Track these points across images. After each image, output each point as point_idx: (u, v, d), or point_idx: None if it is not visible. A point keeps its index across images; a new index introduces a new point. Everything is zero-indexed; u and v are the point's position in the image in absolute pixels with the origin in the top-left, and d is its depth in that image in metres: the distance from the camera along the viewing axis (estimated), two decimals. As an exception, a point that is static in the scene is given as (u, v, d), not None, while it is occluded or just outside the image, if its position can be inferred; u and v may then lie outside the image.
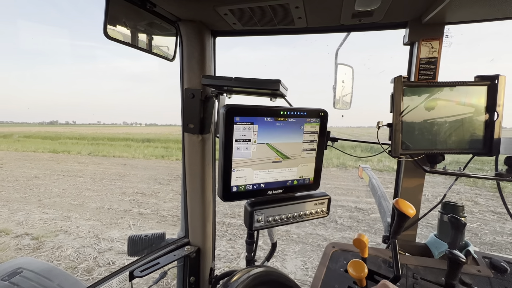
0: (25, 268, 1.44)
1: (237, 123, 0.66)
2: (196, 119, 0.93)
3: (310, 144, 0.78)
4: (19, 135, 26.62)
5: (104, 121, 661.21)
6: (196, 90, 0.92)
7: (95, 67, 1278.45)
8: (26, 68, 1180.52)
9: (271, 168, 0.74)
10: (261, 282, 0.43)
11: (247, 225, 0.72)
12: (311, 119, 0.76)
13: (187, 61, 0.94)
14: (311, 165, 0.80)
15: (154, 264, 0.86)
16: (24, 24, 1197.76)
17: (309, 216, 0.79)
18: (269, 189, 0.75)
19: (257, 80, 0.76)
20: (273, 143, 0.72)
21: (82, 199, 5.80)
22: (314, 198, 0.79)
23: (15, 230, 4.22)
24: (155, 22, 0.86)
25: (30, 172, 8.64)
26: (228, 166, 0.68)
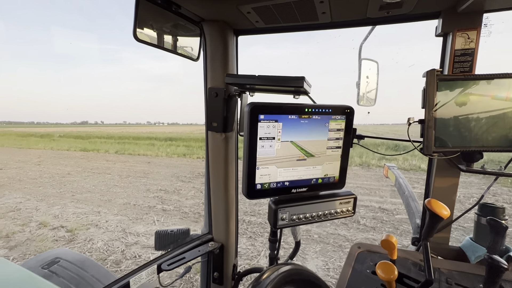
0: (62, 258, 1.55)
1: (261, 121, 0.66)
2: (219, 118, 0.94)
3: (335, 141, 0.76)
4: (54, 134, 28.60)
5: (129, 121, 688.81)
6: (219, 89, 0.93)
7: (121, 69, 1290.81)
8: (59, 71, 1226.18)
9: (295, 166, 0.73)
10: (291, 280, 0.43)
11: (271, 223, 0.72)
12: (336, 116, 0.74)
13: (211, 60, 0.95)
14: (336, 163, 0.78)
15: (180, 258, 0.89)
16: (57, 30, 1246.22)
17: (334, 216, 0.77)
18: (293, 187, 0.74)
19: (280, 77, 0.75)
20: (297, 140, 0.71)
21: (110, 195, 6.12)
22: (339, 197, 0.77)
23: (51, 222, 4.54)
24: (180, 23, 0.88)
25: (64, 169, 9.26)
26: (253, 163, 0.68)
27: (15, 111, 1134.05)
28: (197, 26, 0.91)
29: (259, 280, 0.38)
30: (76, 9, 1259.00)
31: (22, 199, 5.82)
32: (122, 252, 3.59)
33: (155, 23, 0.80)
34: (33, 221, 4.61)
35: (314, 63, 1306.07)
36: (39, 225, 4.44)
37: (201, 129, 52.59)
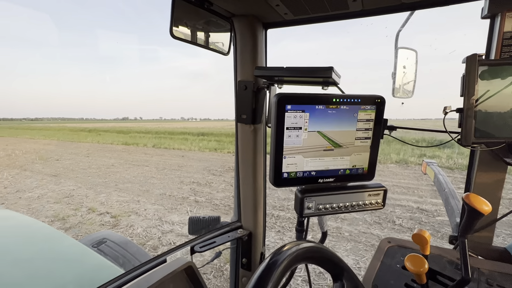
0: (108, 239, 1.72)
1: (288, 111, 0.68)
2: (248, 110, 0.97)
3: (365, 132, 0.75)
4: (99, 129, 31.32)
5: (165, 116, 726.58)
6: (248, 82, 0.96)
7: (158, 68, 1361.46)
8: (105, 72, 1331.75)
9: (322, 156, 0.73)
10: (311, 256, 0.44)
11: (298, 211, 0.74)
12: (366, 106, 0.73)
13: (240, 54, 0.98)
14: (365, 154, 0.77)
15: (211, 242, 0.95)
16: (102, 33, 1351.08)
17: (362, 207, 0.76)
18: (320, 177, 0.75)
19: (308, 68, 0.76)
20: (325, 131, 0.72)
21: (148, 186, 6.57)
22: (368, 189, 0.76)
23: (98, 208, 5.03)
24: (211, 19, 0.92)
25: (108, 161, 10.14)
26: (279, 153, 0.70)
27: (67, 109, 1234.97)
28: (227, 21, 0.95)
29: (279, 251, 0.40)
30: (118, 14, 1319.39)
31: (74, 186, 6.52)
32: (158, 239, 3.86)
33: (189, 20, 0.86)
34: (83, 206, 5.15)
35: (344, 55, 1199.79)
36: (89, 210, 4.95)
37: (232, 124, 53.64)
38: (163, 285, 0.55)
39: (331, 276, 0.50)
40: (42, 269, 0.83)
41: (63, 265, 0.88)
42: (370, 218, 4.36)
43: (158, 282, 0.53)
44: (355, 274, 0.51)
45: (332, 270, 0.48)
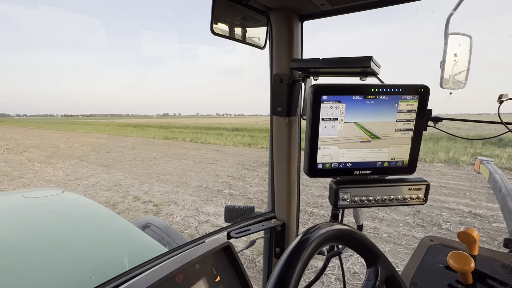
0: (152, 224, 1.89)
1: (324, 102, 0.68)
2: (283, 103, 0.99)
3: (406, 123, 0.71)
4: (143, 125, 33.78)
5: (201, 112, 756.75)
6: (284, 75, 0.97)
7: (196, 65, 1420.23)
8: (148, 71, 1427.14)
9: (359, 148, 0.72)
10: (344, 239, 0.45)
11: (332, 203, 0.74)
12: (407, 96, 0.69)
13: (276, 47, 1.00)
14: (406, 147, 0.73)
15: (247, 229, 0.99)
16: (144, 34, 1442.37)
17: (401, 201, 0.73)
18: (356, 169, 0.74)
19: (345, 58, 0.74)
20: (362, 122, 0.70)
21: (186, 178, 6.95)
22: (408, 183, 0.73)
23: (143, 197, 5.47)
24: (248, 14, 0.95)
25: (150, 154, 10.93)
26: (314, 143, 0.70)
27: (116, 106, 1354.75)
28: (264, 15, 0.97)
29: (312, 229, 0.41)
30: (159, 16, 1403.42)
31: (122, 176, 7.17)
32: (195, 228, 4.08)
33: (227, 17, 0.89)
34: (130, 195, 5.65)
35: (387, 45, 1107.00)
36: (134, 198, 5.42)
37: (265, 120, 53.74)
38: (203, 260, 0.61)
39: (365, 261, 0.50)
40: (101, 242, 0.96)
41: (118, 240, 1.01)
42: (412, 220, 4.08)
43: (199, 257, 0.59)
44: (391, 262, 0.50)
45: (365, 255, 0.48)
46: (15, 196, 1.42)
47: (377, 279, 0.46)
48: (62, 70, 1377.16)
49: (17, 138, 19.06)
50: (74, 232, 1.00)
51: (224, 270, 0.65)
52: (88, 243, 0.93)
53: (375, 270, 0.47)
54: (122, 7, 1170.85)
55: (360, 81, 0.82)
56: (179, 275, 0.55)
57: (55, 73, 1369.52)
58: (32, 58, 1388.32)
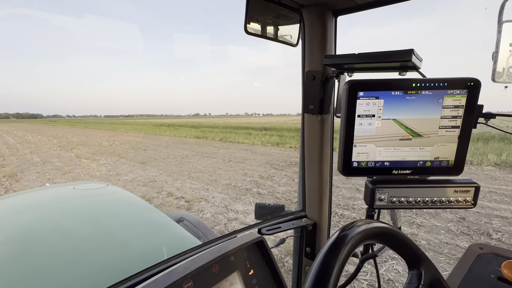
0: (185, 218, 1.97)
1: (361, 98, 0.66)
2: (316, 100, 0.97)
3: (452, 120, 0.66)
4: (175, 124, 35.38)
5: (230, 112, 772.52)
6: (316, 72, 0.95)
7: (226, 66, 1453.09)
8: (180, 73, 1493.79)
9: (398, 146, 0.68)
10: (384, 238, 0.43)
11: (368, 203, 0.71)
12: (454, 91, 0.64)
13: (309, 44, 0.98)
14: (452, 145, 0.68)
15: (277, 227, 0.99)
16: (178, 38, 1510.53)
17: (446, 204, 0.68)
18: (394, 168, 0.70)
19: (384, 53, 0.71)
20: (402, 118, 0.66)
21: (215, 176, 7.15)
22: (454, 184, 0.67)
23: (175, 193, 5.74)
24: (281, 13, 0.95)
25: (183, 152, 11.41)
26: (349, 141, 0.68)
27: (151, 106, 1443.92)
28: (296, 12, 0.96)
29: (351, 225, 0.40)
30: (192, 19, 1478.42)
31: (156, 173, 7.59)
32: (224, 225, 4.18)
33: (261, 16, 0.90)
34: (164, 190, 5.97)
35: (428, 38, 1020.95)
36: (168, 194, 5.71)
37: (294, 119, 53.07)
38: (238, 253, 0.62)
39: (406, 262, 0.47)
40: (142, 232, 1.04)
41: (157, 231, 1.08)
42: (456, 228, 3.75)
43: (234, 250, 0.61)
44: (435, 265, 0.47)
45: (407, 256, 0.46)
46: (68, 188, 1.59)
47: (420, 283, 0.43)
48: (104, 74, 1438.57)
49: (67, 136, 21.17)
50: (118, 221, 1.09)
51: (257, 264, 0.66)
52: (131, 232, 1.01)
53: (418, 273, 0.44)
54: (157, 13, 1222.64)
55: (398, 76, 0.78)
56: (215, 266, 0.57)
57: (98, 77, 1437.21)
58: (79, 63, 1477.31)
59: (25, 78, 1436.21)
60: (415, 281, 0.44)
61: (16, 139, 18.30)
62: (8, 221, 1.11)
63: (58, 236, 0.94)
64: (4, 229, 1.03)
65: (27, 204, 1.32)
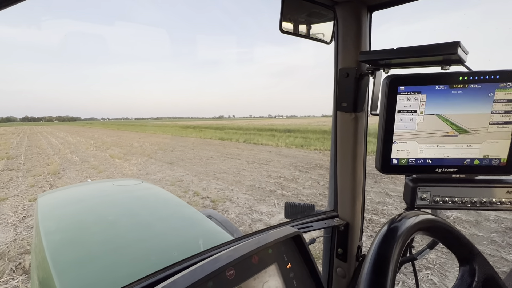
0: (212, 216, 2.03)
1: (401, 93, 0.64)
2: (350, 98, 0.95)
3: (504, 115, 0.62)
4: (201, 126, 36.38)
5: (253, 114, 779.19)
6: (350, 69, 0.94)
7: (249, 69, 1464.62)
8: (205, 76, 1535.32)
9: (442, 143, 0.65)
10: (436, 231, 0.41)
11: (408, 202, 0.68)
12: (507, 84, 0.60)
13: (343, 41, 0.97)
14: (505, 142, 0.63)
15: (309, 226, 0.98)
16: (203, 41, 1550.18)
17: (497, 206, 0.63)
18: (437, 167, 0.67)
19: (426, 46, 0.68)
20: (447, 114, 0.63)
21: (240, 177, 7.23)
22: (507, 184, 0.62)
23: (201, 193, 5.89)
24: (314, 10, 0.95)
25: (208, 153, 11.69)
26: (389, 137, 0.66)
27: (178, 108, 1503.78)
28: (330, 9, 0.95)
29: (398, 218, 0.39)
30: (217, 23, 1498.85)
31: (183, 173, 7.85)
32: (249, 226, 4.20)
33: (295, 14, 0.91)
34: (190, 190, 6.15)
35: (469, 32, 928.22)
36: (194, 193, 5.88)
37: (318, 121, 52.02)
38: (276, 246, 0.63)
39: (458, 258, 0.45)
40: (178, 225, 1.09)
41: (191, 224, 1.12)
42: (501, 239, 3.43)
43: (272, 242, 0.62)
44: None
45: (459, 251, 0.44)
46: (107, 184, 1.71)
47: (474, 279, 0.41)
48: (135, 78, 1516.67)
49: (102, 138, 22.67)
50: (155, 214, 1.16)
51: (294, 258, 0.67)
52: (167, 225, 1.06)
53: (470, 269, 0.42)
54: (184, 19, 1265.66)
55: (441, 70, 0.74)
56: (254, 257, 0.59)
57: (130, 81, 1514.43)
58: (111, 69, 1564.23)
59: (67, 84, 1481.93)
60: (467, 277, 0.41)
61: (59, 140, 19.99)
62: (58, 212, 1.23)
63: (102, 226, 1.02)
64: (54, 219, 1.14)
65: (74, 197, 1.45)
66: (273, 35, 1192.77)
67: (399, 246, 0.35)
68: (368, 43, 1.00)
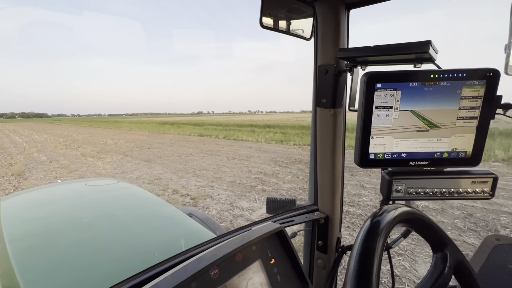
0: (193, 214, 2.00)
1: (378, 90, 0.66)
2: (329, 94, 0.97)
3: (470, 111, 0.66)
4: (179, 123, 35.50)
5: (233, 110, 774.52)
6: (329, 66, 0.96)
7: (228, 64, 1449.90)
8: (183, 71, 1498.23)
9: (415, 138, 0.69)
10: (412, 222, 0.43)
11: (384, 195, 0.71)
12: (473, 82, 0.64)
13: (322, 38, 0.99)
14: (469, 136, 0.68)
15: (290, 220, 1.00)
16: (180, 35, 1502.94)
17: (463, 195, 0.68)
18: (411, 160, 0.70)
19: (401, 44, 0.71)
20: (419, 110, 0.67)
21: (220, 173, 7.17)
22: (472, 175, 0.67)
23: (181, 191, 5.78)
24: (294, 6, 0.96)
25: (187, 150, 11.46)
26: (366, 133, 0.69)
27: (154, 105, 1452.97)
28: (310, 6, 0.96)
29: (380, 212, 0.41)
30: (196, 16, 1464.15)
31: (161, 171, 7.64)
32: (230, 222, 4.20)
33: (275, 10, 0.91)
34: (169, 188, 6.01)
35: (438, 32, 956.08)
36: (173, 191, 5.75)
37: (297, 116, 52.88)
38: (260, 243, 0.64)
39: (431, 245, 0.48)
40: (158, 225, 1.06)
41: (172, 224, 1.09)
42: (463, 224, 3.73)
43: (256, 239, 0.62)
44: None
45: (432, 239, 0.46)
46: (80, 184, 1.61)
47: (446, 265, 0.44)
48: (108, 72, 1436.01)
49: (73, 135, 21.37)
50: (133, 215, 1.11)
51: (278, 253, 0.68)
52: (147, 225, 1.03)
53: (442, 256, 0.45)
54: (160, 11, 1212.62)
55: (413, 68, 0.78)
56: (238, 254, 0.58)
57: (102, 76, 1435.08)
58: (83, 63, 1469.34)
59: (29, 78, 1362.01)
60: (440, 263, 0.44)
61: (23, 138, 18.53)
62: (25, 216, 1.14)
63: (76, 229, 0.96)
64: (21, 224, 1.06)
65: (42, 199, 1.35)
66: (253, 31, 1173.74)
67: (382, 239, 0.37)
68: (346, 40, 1.02)
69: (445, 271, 0.44)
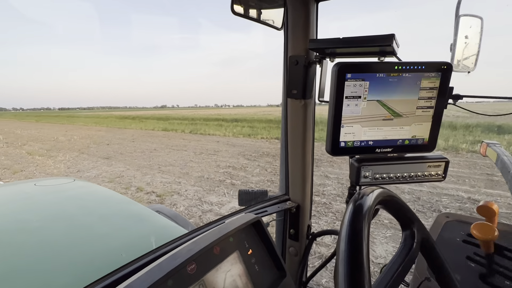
0: (161, 211, 1.91)
1: (348, 80, 0.68)
2: (299, 85, 0.99)
3: (427, 101, 0.72)
4: (141, 117, 33.55)
5: (199, 103, 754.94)
6: (300, 57, 0.97)
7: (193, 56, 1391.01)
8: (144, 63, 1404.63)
9: (381, 126, 0.73)
10: (388, 203, 0.46)
11: (353, 180, 0.75)
12: (430, 74, 0.70)
13: (292, 29, 0.99)
14: (427, 124, 0.74)
15: (263, 211, 1.01)
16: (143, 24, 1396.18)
17: (421, 178, 0.75)
18: (377, 147, 0.75)
19: (367, 37, 0.74)
20: (385, 100, 0.71)
21: (187, 169, 6.97)
22: (428, 160, 0.74)
23: (145, 188, 5.50)
24: (265, -5, 0.94)
25: (151, 146, 10.91)
26: (337, 122, 0.71)
27: (113, 98, 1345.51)
28: (280, -4, 0.96)
29: (361, 196, 0.42)
30: (157, 5, 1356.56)
31: (123, 168, 7.18)
32: (199, 217, 4.13)
33: (246, -3, 0.89)
34: (132, 186, 5.68)
35: (390, 31, 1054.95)
36: (137, 189, 5.45)
37: (264, 110, 53.45)
38: (237, 234, 0.62)
39: (401, 224, 0.51)
40: (123, 224, 0.98)
41: (139, 222, 1.03)
42: (413, 207, 4.15)
43: (233, 231, 0.61)
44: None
45: (402, 218, 0.50)
46: (28, 184, 1.43)
47: (414, 241, 0.47)
48: (57, 62, 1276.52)
49: (16, 132, 18.94)
50: (95, 215, 1.02)
51: (255, 244, 0.67)
52: (111, 225, 0.95)
53: (411, 233, 0.49)
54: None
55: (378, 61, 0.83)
56: (216, 247, 0.57)
57: (49, 66, 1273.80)
58: (23, 50, 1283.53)
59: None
60: (409, 240, 0.48)
61: (-50, 136, 15.92)
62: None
63: (26, 235, 0.85)
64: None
65: (-20, 204, 1.17)
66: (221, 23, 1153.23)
67: (368, 221, 0.38)
68: (315, 32, 1.04)
69: (413, 246, 0.47)
